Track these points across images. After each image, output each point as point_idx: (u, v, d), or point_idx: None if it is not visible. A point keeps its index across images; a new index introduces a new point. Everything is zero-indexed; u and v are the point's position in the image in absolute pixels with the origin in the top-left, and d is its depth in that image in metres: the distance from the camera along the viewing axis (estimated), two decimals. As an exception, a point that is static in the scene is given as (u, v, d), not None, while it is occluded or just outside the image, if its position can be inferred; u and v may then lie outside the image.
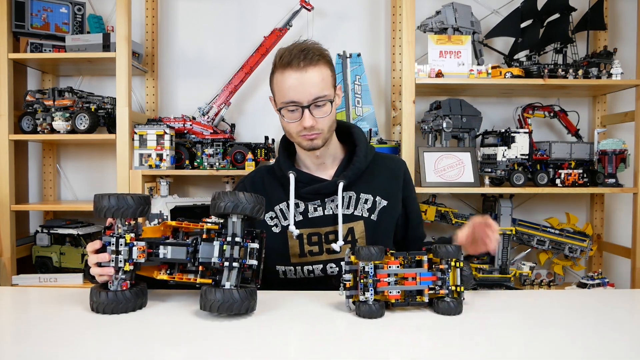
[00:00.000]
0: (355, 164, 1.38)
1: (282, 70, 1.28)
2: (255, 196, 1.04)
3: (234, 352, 0.86)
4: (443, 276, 1.06)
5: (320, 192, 1.38)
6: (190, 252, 1.07)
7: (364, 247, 1.02)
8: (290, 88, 1.27)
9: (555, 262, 2.50)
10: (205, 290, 1.01)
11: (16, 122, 2.32)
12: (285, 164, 1.41)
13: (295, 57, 1.26)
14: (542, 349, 0.87)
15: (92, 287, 1.08)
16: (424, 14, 2.46)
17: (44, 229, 2.37)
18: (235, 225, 1.04)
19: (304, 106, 1.28)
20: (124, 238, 1.05)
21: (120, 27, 2.19)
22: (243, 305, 1.00)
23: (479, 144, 2.45)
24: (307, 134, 1.31)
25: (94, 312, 1.04)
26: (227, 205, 1.01)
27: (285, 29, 2.35)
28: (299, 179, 1.38)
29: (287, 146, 1.46)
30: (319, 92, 1.28)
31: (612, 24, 2.61)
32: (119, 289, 1.06)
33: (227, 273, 1.03)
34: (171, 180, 2.38)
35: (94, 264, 1.09)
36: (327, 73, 1.31)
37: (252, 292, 1.03)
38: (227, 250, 1.03)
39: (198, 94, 2.56)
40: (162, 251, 1.08)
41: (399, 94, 2.41)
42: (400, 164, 1.49)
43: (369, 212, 1.38)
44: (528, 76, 2.28)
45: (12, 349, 0.88)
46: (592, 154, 2.34)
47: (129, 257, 1.05)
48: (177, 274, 1.10)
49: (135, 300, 1.06)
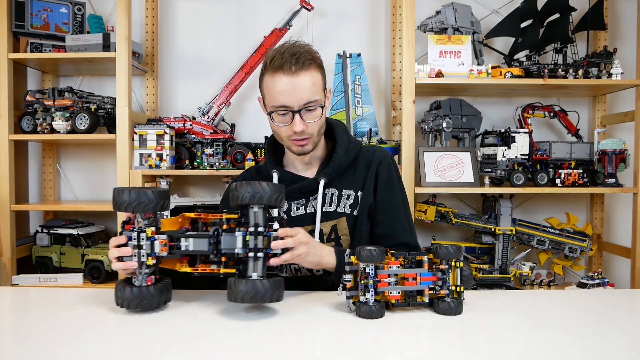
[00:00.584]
0: (335, 161, 1.38)
1: (272, 74, 1.28)
2: (274, 184, 1.04)
3: (234, 352, 0.86)
4: (443, 276, 1.06)
5: (303, 191, 1.38)
6: (212, 243, 1.06)
7: (365, 248, 1.02)
8: (281, 92, 1.27)
9: (555, 262, 2.50)
10: (232, 282, 1.01)
11: (16, 122, 2.32)
12: (270, 163, 1.43)
13: (286, 61, 1.25)
14: (542, 349, 0.87)
15: (116, 283, 1.07)
16: (424, 14, 2.46)
17: (44, 229, 2.37)
18: (257, 215, 1.04)
19: (295, 111, 1.28)
20: (145, 232, 1.04)
21: (120, 27, 2.19)
22: (270, 295, 1.00)
23: (479, 144, 2.45)
24: (298, 139, 1.32)
25: (120, 307, 1.04)
26: (247, 195, 1.01)
27: (285, 29, 2.35)
28: (283, 178, 1.39)
29: (274, 146, 1.47)
30: (310, 97, 1.27)
31: (612, 24, 2.61)
32: (143, 284, 1.05)
33: (252, 264, 1.03)
34: (171, 180, 2.39)
35: (114, 259, 1.07)
36: (318, 77, 1.30)
37: (279, 282, 1.03)
38: (250, 240, 1.03)
39: (198, 94, 2.55)
40: (183, 244, 1.07)
41: (399, 94, 2.41)
42: (378, 154, 1.44)
43: (351, 207, 1.38)
44: (528, 76, 2.28)
45: (12, 349, 0.88)
46: (592, 154, 2.34)
47: (151, 251, 1.05)
48: (199, 265, 1.10)
49: (160, 296, 1.05)
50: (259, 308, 1.09)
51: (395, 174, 1.43)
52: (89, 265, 2.30)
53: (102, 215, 2.59)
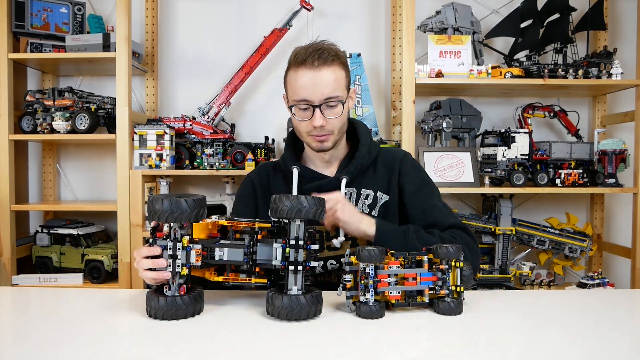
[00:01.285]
0: (358, 160, 1.37)
1: (296, 68, 1.28)
2: (315, 199, 1.02)
3: (230, 351, 0.86)
4: (443, 276, 1.06)
5: (323, 189, 1.37)
6: (246, 253, 1.05)
7: (365, 249, 1.02)
8: (302, 86, 1.27)
9: (555, 262, 2.50)
10: (271, 296, 1.00)
11: (16, 122, 2.32)
12: (290, 159, 1.41)
13: (309, 56, 1.26)
14: (542, 349, 0.87)
15: (147, 292, 1.04)
16: (424, 14, 2.46)
17: (44, 229, 2.37)
18: (299, 229, 1.03)
19: (315, 105, 1.27)
20: (181, 242, 1.02)
21: (120, 27, 2.19)
22: (309, 310, 1.00)
23: (479, 144, 2.45)
24: (317, 135, 1.31)
25: (151, 318, 1.01)
26: (289, 210, 1.00)
27: (285, 29, 2.35)
28: (303, 174, 1.38)
29: (294, 141, 1.46)
30: (331, 92, 1.27)
31: (612, 24, 2.61)
32: (176, 294, 1.02)
33: (292, 278, 1.02)
34: (171, 180, 2.39)
35: (144, 269, 1.03)
36: (341, 74, 1.31)
37: (318, 296, 1.03)
38: (290, 253, 1.02)
39: (198, 94, 2.56)
40: (217, 253, 1.05)
41: (399, 94, 2.41)
42: (397, 154, 1.45)
43: (370, 208, 1.38)
44: (528, 76, 2.28)
45: (12, 349, 0.88)
46: (592, 154, 2.34)
47: (186, 261, 1.02)
48: (230, 274, 1.09)
49: (195, 306, 1.03)
50: (259, 307, 1.09)
51: (417, 166, 1.45)
52: (88, 265, 2.30)
53: (102, 215, 2.59)
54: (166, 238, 1.03)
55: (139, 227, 2.22)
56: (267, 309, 1.01)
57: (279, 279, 1.07)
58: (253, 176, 1.48)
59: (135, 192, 2.22)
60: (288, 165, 1.40)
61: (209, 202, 2.38)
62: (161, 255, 1.02)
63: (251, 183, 1.46)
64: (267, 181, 1.44)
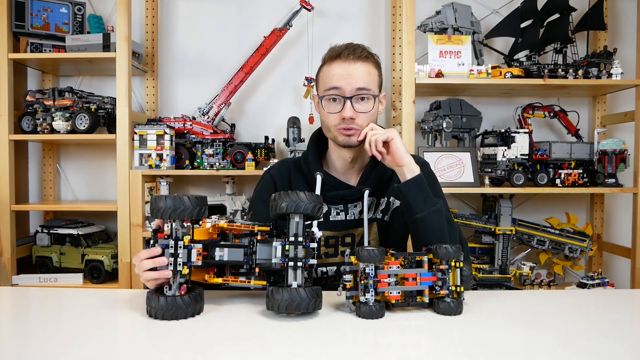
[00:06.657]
0: (380, 171, 1.37)
1: (330, 62, 1.30)
2: (314, 195, 1.03)
3: (229, 352, 0.86)
4: (443, 276, 1.06)
5: (345, 198, 1.37)
6: (247, 253, 1.06)
7: (364, 249, 1.02)
8: (334, 76, 1.28)
9: (555, 262, 2.50)
10: (271, 290, 1.00)
11: (16, 122, 2.32)
12: (315, 164, 1.39)
13: (344, 50, 1.28)
14: (542, 349, 0.87)
15: (148, 292, 1.04)
16: (424, 14, 2.46)
17: (44, 229, 2.37)
18: (298, 226, 1.03)
19: (347, 97, 1.27)
20: (182, 240, 1.02)
21: (120, 27, 2.19)
22: (309, 304, 1.00)
23: (479, 144, 2.45)
24: (345, 128, 1.29)
25: (152, 318, 1.01)
26: (288, 205, 1.01)
27: (285, 29, 2.35)
28: (326, 182, 1.36)
29: (318, 144, 1.43)
30: (363, 84, 1.27)
31: (612, 24, 2.61)
32: (177, 294, 1.02)
33: (292, 273, 1.03)
34: (171, 180, 2.39)
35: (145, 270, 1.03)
36: (374, 72, 1.31)
37: (318, 291, 1.03)
38: (290, 250, 1.02)
39: (198, 94, 2.56)
40: (218, 253, 1.05)
41: (399, 94, 2.41)
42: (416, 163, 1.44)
43: (382, 213, 1.38)
44: (528, 76, 2.28)
45: (12, 349, 0.88)
46: (592, 154, 2.34)
47: (187, 259, 1.02)
48: (229, 276, 1.09)
49: (195, 306, 1.03)
50: (259, 307, 1.09)
51: (434, 179, 1.42)
52: (88, 265, 2.30)
53: (102, 215, 2.59)
54: (167, 238, 1.04)
55: (139, 227, 2.22)
56: (267, 304, 1.01)
57: (278, 281, 1.08)
58: (274, 173, 1.44)
59: (135, 192, 2.22)
60: (312, 170, 1.37)
61: (209, 202, 2.38)
62: (162, 255, 1.03)
63: (272, 180, 1.43)
64: (289, 180, 1.42)
